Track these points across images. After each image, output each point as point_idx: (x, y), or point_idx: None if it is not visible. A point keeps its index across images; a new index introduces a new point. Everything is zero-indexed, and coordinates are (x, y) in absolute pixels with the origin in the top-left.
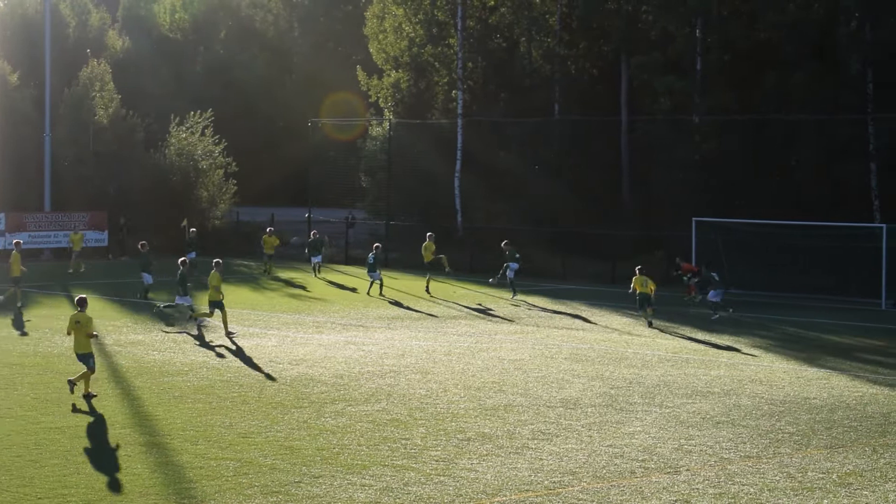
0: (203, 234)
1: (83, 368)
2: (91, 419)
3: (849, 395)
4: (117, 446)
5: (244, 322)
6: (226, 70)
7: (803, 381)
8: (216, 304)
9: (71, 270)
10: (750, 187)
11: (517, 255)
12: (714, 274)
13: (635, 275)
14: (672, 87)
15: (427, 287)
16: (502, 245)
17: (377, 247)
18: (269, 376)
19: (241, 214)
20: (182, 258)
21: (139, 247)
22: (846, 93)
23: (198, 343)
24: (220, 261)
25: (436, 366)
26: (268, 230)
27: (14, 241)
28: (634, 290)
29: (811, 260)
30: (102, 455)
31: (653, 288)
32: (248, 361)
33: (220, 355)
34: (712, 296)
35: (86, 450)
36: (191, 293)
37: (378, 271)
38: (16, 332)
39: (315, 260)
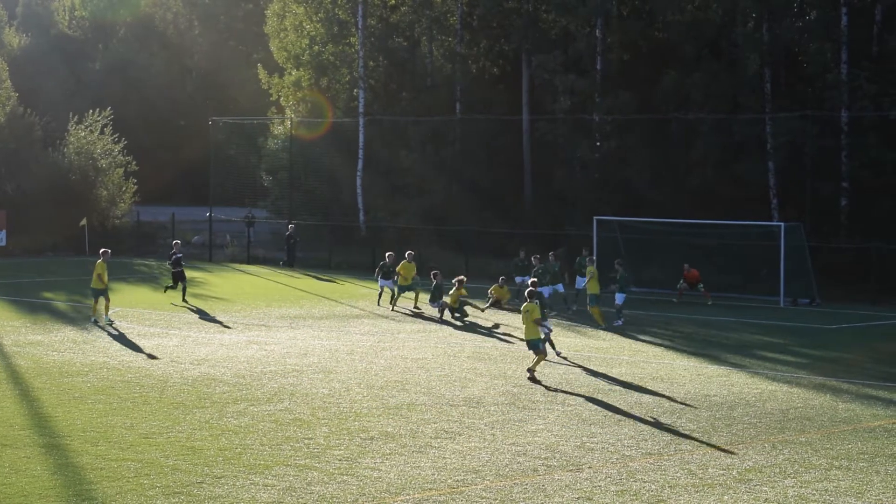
0: (102, 233)
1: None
2: None
3: (748, 392)
4: (16, 448)
5: (145, 322)
6: (125, 68)
7: (703, 378)
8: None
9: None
10: (650, 186)
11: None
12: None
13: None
14: (573, 87)
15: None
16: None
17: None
18: (170, 377)
19: (141, 214)
20: (435, 271)
21: (431, 276)
22: (744, 92)
23: (97, 344)
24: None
25: (338, 365)
26: (407, 255)
27: (102, 251)
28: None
29: (711, 258)
30: (1, 457)
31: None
32: (148, 362)
33: (121, 356)
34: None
35: None
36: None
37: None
38: None
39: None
